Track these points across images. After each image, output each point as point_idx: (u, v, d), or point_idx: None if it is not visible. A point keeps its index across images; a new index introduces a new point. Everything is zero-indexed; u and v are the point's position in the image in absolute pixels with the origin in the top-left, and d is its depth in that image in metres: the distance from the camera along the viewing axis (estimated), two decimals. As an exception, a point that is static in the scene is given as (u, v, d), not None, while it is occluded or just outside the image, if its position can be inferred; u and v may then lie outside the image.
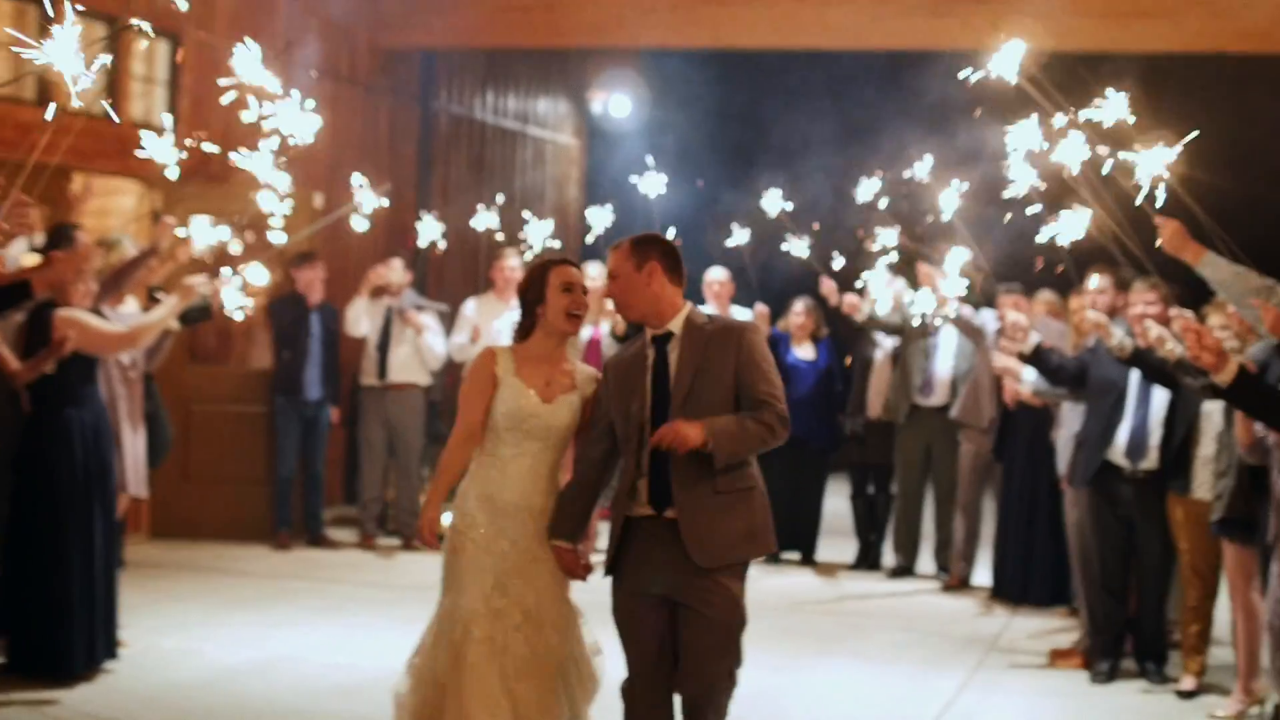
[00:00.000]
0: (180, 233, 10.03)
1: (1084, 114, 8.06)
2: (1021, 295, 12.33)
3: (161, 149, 9.05)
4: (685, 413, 6.44)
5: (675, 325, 6.65)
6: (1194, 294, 9.82)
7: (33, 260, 8.47)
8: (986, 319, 12.69)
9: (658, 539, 6.53)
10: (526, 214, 14.08)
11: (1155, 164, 7.71)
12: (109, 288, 9.66)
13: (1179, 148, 7.74)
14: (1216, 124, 9.47)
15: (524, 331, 6.91)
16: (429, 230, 13.76)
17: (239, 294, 10.56)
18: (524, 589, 6.68)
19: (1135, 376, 9.97)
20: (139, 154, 8.89)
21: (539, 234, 13.53)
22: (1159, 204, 7.84)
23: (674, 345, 6.64)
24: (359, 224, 10.75)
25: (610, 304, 13.69)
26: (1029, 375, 11.07)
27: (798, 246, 13.01)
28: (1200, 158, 7.86)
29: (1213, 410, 9.30)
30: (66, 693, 8.82)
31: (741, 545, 6.60)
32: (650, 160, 12.72)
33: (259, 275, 10.36)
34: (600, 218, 13.45)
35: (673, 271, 6.65)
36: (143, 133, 8.97)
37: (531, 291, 6.83)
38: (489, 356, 6.88)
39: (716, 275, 14.21)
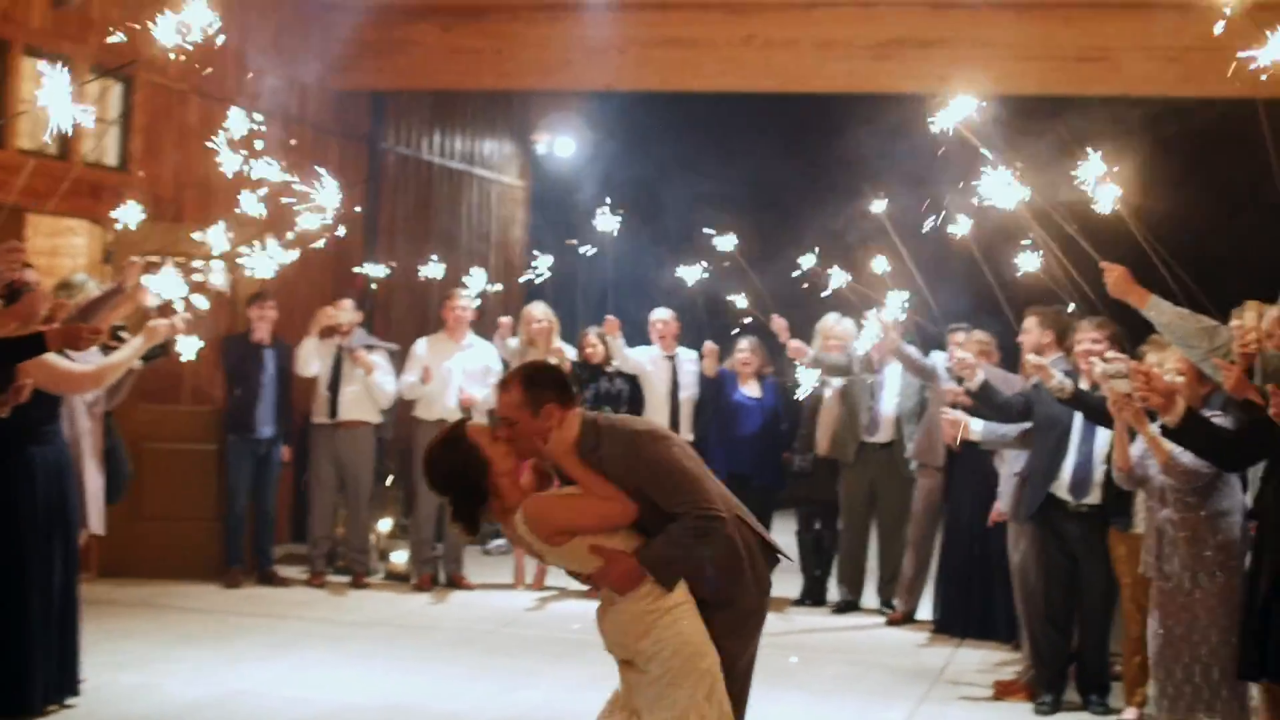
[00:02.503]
0: (143, 281, 10.10)
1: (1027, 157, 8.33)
2: (965, 334, 12.55)
3: (130, 213, 9.20)
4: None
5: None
6: (1135, 332, 10.09)
7: None
8: (937, 360, 12.89)
9: None
10: (473, 269, 14.31)
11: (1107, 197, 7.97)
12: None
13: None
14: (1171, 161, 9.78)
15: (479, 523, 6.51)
16: (375, 271, 13.90)
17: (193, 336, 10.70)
18: None
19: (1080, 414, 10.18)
20: (112, 213, 9.00)
21: (478, 282, 13.80)
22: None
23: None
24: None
25: (556, 342, 13.97)
26: (976, 425, 11.25)
27: (746, 284, 13.19)
28: (1152, 191, 8.12)
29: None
30: (29, 727, 8.89)
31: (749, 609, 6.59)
32: (596, 197, 12.89)
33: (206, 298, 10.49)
34: (544, 262, 13.68)
35: (567, 402, 6.41)
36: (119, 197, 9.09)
37: (470, 467, 6.34)
38: None
39: (660, 315, 14.39)
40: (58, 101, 6.40)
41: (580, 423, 6.39)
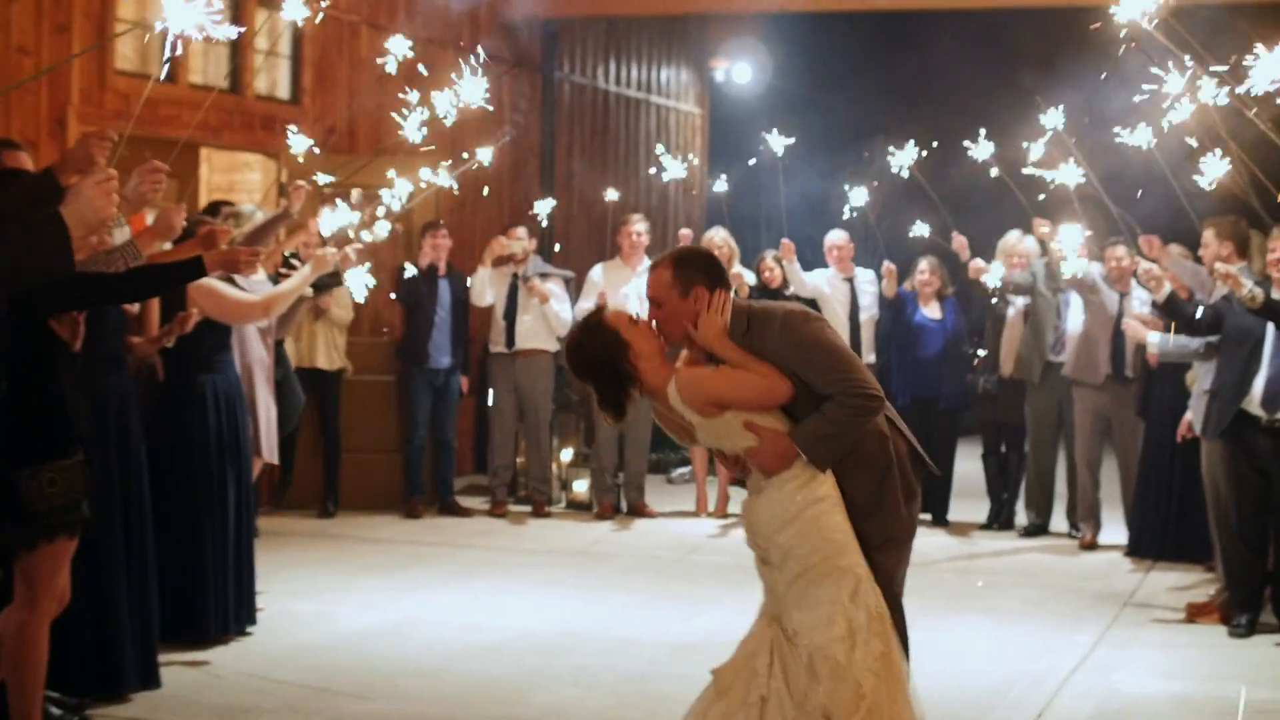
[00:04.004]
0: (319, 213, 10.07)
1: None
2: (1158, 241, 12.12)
3: (299, 142, 9.15)
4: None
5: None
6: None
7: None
8: (1094, 273, 12.54)
9: None
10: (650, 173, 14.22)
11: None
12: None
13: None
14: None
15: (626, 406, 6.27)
16: (543, 206, 13.81)
17: (365, 273, 10.70)
18: None
19: (1273, 325, 9.82)
20: (283, 135, 8.97)
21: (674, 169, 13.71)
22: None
23: None
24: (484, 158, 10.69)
25: (735, 268, 13.77)
26: (1154, 338, 10.94)
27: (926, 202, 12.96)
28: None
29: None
30: (204, 654, 8.94)
31: (893, 514, 6.28)
32: (774, 123, 12.69)
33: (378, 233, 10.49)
34: (721, 185, 13.52)
35: (718, 285, 6.23)
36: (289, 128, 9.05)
37: (610, 349, 6.14)
38: None
39: (835, 239, 14.18)
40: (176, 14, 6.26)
41: (732, 308, 6.20)
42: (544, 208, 13.96)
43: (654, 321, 6.20)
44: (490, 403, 14.63)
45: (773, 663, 6.06)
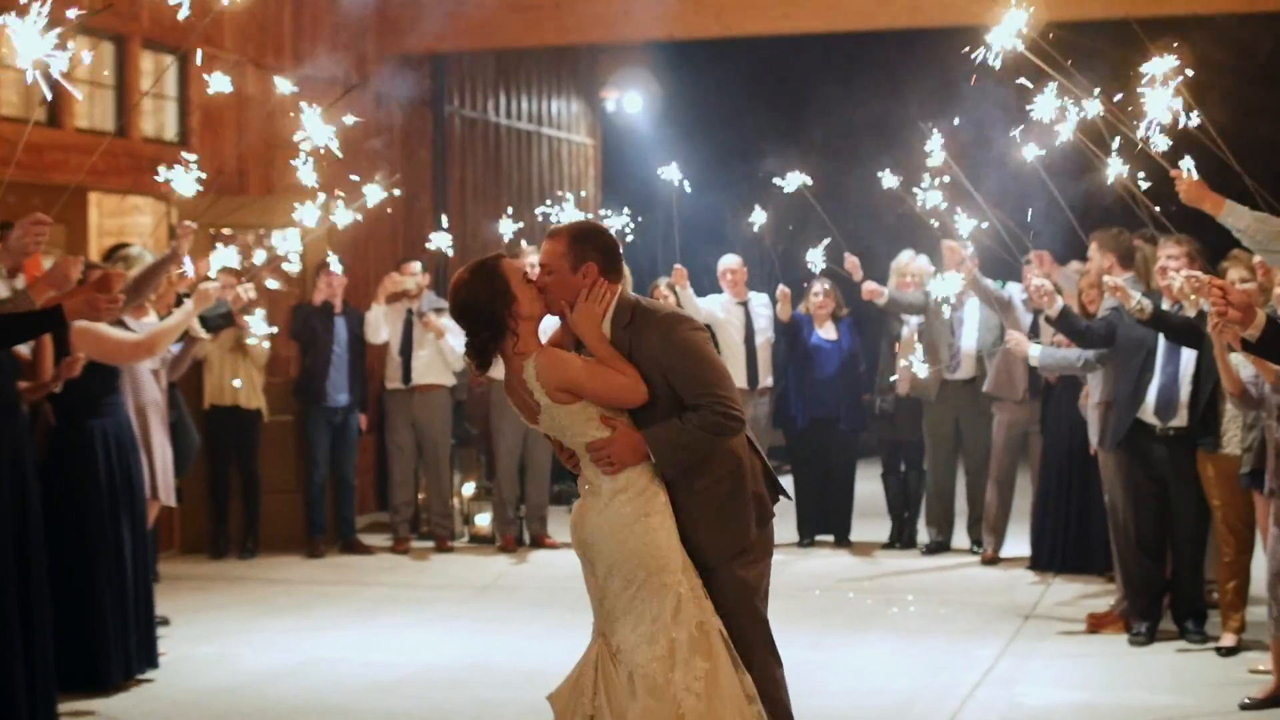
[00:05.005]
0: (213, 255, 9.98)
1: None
2: (1049, 257, 12.21)
3: (182, 180, 9.09)
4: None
5: (604, 326, 6.20)
6: (1212, 251, 9.86)
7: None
8: (1013, 291, 12.66)
9: None
10: (545, 209, 14.14)
11: (1160, 108, 7.75)
12: (131, 297, 9.59)
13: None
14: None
15: (490, 358, 6.15)
16: (439, 239, 13.76)
17: (259, 322, 10.65)
18: None
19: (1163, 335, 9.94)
20: (158, 177, 8.89)
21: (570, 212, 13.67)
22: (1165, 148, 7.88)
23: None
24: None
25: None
26: (1034, 351, 11.09)
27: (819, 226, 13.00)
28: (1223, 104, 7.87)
29: (1238, 364, 9.23)
30: (104, 701, 8.84)
31: (738, 531, 6.22)
32: (666, 151, 12.70)
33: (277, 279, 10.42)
34: (617, 220, 13.51)
35: (611, 272, 6.22)
36: (161, 168, 8.96)
37: (495, 299, 6.04)
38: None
39: (729, 263, 14.20)
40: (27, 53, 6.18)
41: (618, 299, 6.19)
42: (441, 241, 13.93)
43: (539, 286, 6.12)
44: (387, 439, 14.56)
45: (597, 680, 6.03)
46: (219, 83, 8.28)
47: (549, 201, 14.83)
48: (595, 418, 5.99)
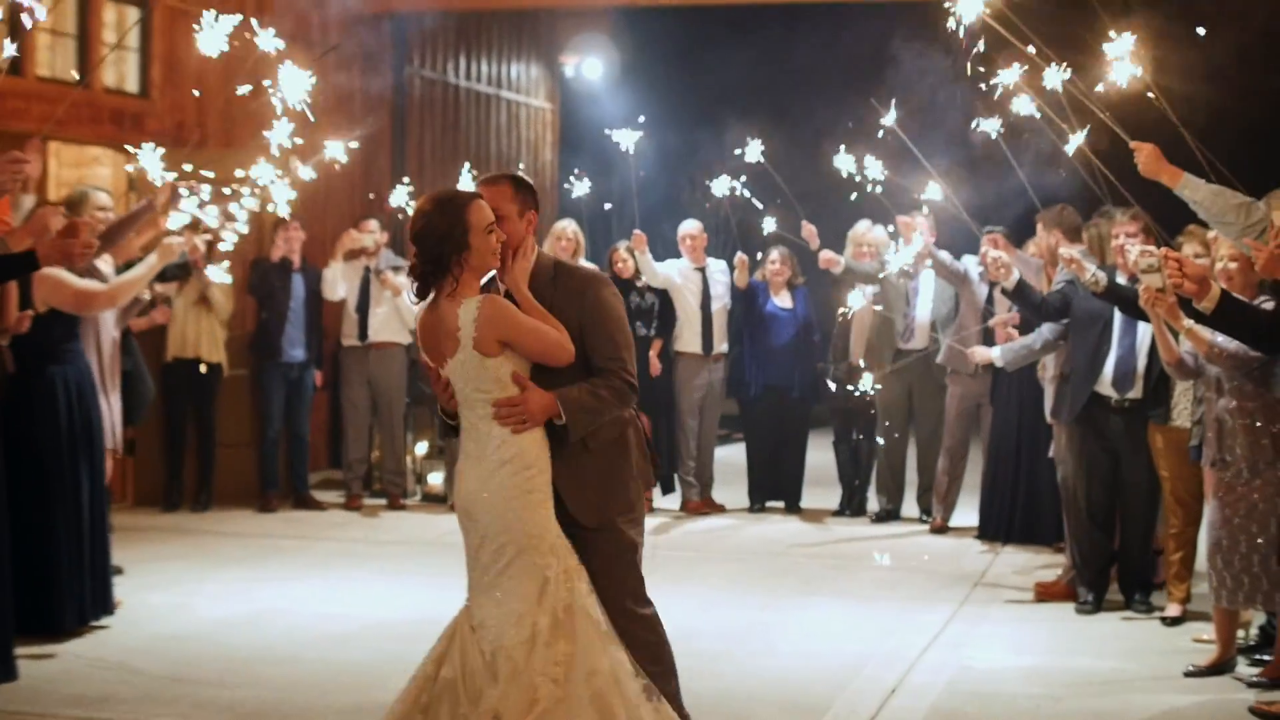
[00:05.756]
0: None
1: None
2: (1003, 236, 12.32)
3: (150, 159, 9.11)
4: (530, 371, 6.11)
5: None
6: (1168, 226, 9.96)
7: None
8: (968, 264, 12.75)
9: None
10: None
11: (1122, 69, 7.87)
12: (104, 245, 9.54)
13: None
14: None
15: (429, 289, 6.07)
16: (397, 197, 13.76)
17: (221, 272, 10.65)
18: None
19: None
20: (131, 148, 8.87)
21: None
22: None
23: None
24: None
25: (581, 260, 13.81)
26: (995, 353, 11.31)
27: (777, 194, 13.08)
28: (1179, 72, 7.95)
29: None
30: (61, 646, 8.89)
31: (625, 491, 6.33)
32: (625, 117, 12.72)
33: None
34: (579, 186, 13.57)
35: (534, 218, 6.28)
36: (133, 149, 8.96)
37: (449, 241, 5.95)
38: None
39: (689, 228, 14.22)
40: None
41: (537, 254, 6.23)
42: (401, 197, 13.92)
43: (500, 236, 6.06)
44: (342, 396, 14.58)
45: (449, 650, 6.08)
46: (211, 43, 8.24)
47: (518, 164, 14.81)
48: (509, 375, 5.98)
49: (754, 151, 13.02)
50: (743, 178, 13.56)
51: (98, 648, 8.94)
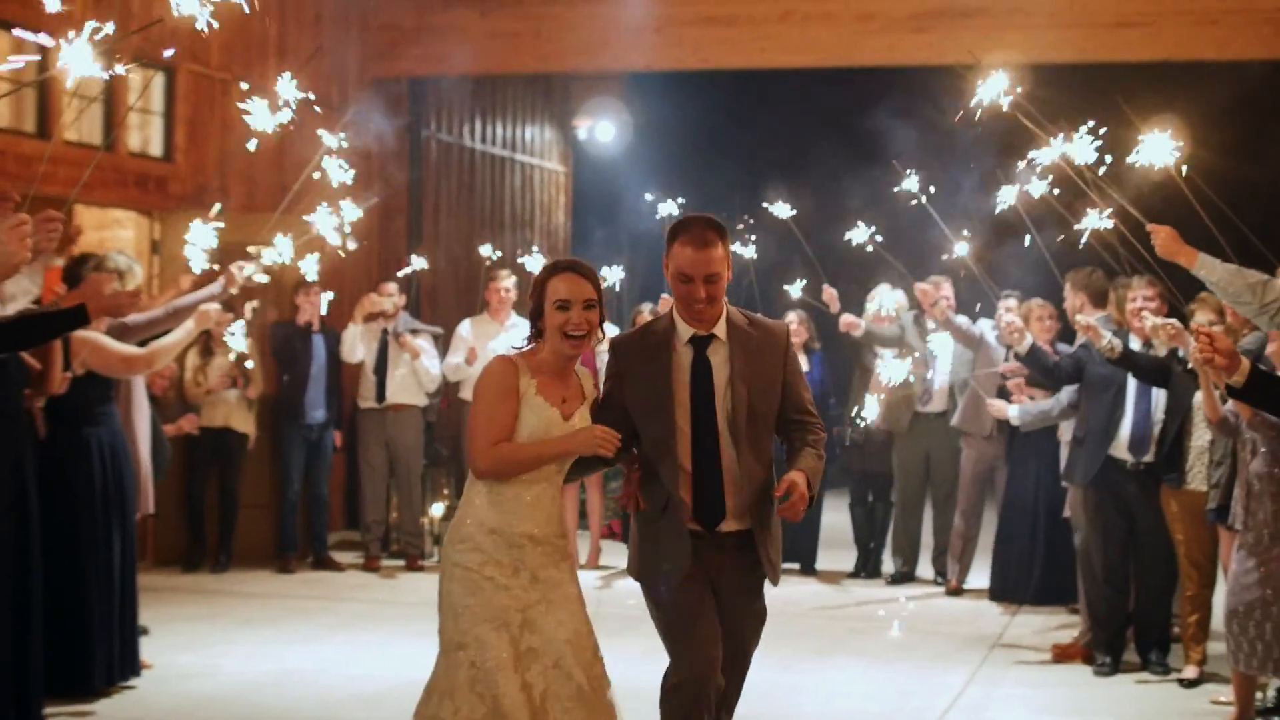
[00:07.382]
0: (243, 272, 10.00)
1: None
2: (1018, 301, 12.48)
3: (203, 234, 9.30)
4: (735, 425, 6.03)
5: (719, 328, 6.12)
6: (1183, 291, 10.07)
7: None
8: (984, 328, 12.88)
9: (707, 551, 6.24)
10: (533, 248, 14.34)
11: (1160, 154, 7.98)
12: (167, 320, 9.70)
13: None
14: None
15: (532, 339, 6.19)
16: (416, 262, 13.88)
17: (240, 337, 10.78)
18: (555, 621, 6.07)
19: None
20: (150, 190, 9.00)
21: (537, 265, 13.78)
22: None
23: (716, 349, 6.12)
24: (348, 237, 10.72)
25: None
26: (1013, 411, 11.44)
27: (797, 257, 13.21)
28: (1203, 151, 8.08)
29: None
30: (90, 705, 8.97)
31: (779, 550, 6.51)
32: (638, 184, 12.87)
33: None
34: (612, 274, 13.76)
35: None
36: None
37: (533, 302, 6.14)
38: (510, 367, 6.07)
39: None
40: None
41: (728, 306, 6.26)
42: (417, 263, 14.06)
43: (706, 295, 6.00)
44: (360, 458, 14.67)
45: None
46: (262, 120, 8.37)
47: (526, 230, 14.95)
48: None
49: (782, 210, 13.08)
50: (753, 237, 13.70)
51: (130, 708, 9.03)
